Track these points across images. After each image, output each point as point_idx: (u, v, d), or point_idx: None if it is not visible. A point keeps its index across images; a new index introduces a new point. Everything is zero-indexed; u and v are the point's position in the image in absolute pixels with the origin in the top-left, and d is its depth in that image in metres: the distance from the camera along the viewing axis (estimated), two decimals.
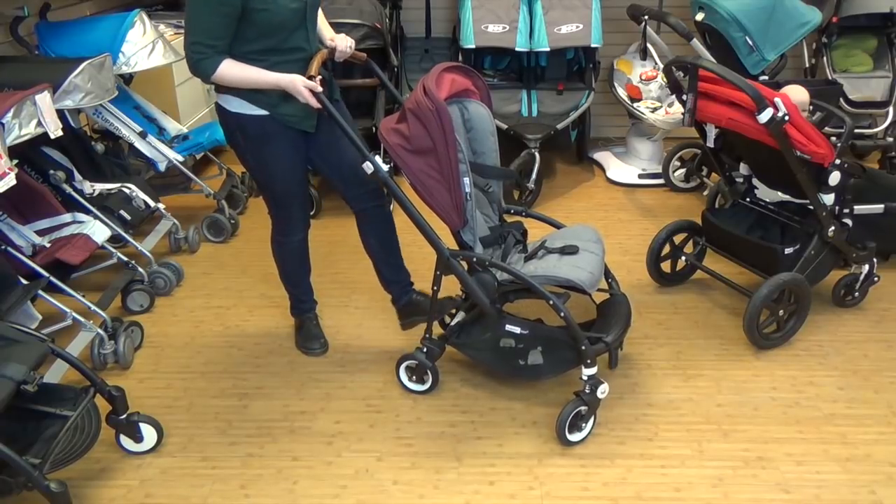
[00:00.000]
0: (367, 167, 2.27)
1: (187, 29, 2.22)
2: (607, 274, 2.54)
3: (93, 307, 2.66)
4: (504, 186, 2.61)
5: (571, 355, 2.28)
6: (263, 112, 2.34)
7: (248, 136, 2.40)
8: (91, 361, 2.60)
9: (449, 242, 2.34)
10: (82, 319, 2.59)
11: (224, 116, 2.39)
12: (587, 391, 2.26)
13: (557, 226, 2.65)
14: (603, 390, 2.27)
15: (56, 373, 2.49)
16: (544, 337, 2.33)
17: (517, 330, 2.32)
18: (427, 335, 2.50)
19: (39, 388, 1.92)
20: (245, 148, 2.44)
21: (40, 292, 2.52)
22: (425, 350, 2.49)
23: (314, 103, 2.25)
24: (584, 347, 2.24)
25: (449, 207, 2.22)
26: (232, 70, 2.24)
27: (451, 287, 2.51)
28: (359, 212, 2.64)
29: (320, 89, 2.25)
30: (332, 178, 2.59)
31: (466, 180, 2.22)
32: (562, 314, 2.21)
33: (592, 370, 2.26)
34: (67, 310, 2.57)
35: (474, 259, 2.31)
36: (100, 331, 2.61)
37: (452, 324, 2.54)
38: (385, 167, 2.28)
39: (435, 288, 2.42)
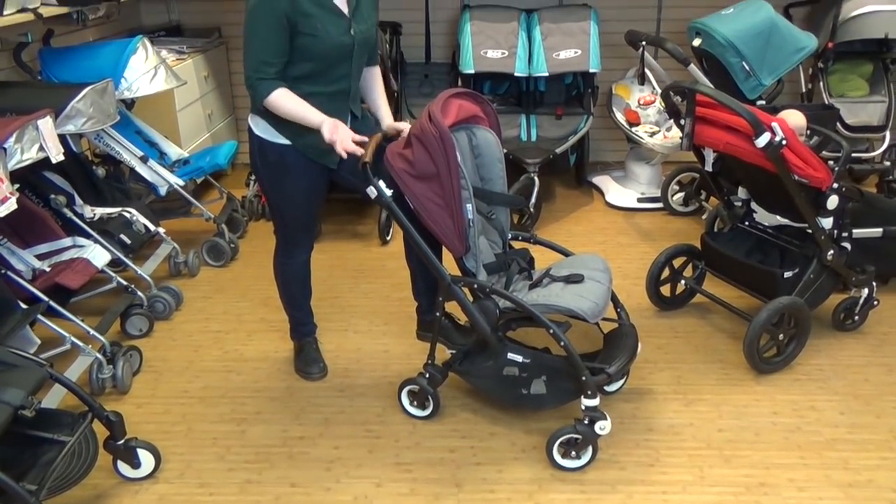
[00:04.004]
0: (371, 192, 2.27)
1: (246, 49, 2.25)
2: (616, 303, 2.52)
3: (92, 331, 2.66)
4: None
5: (575, 385, 2.26)
6: (286, 141, 2.35)
7: (268, 162, 2.41)
8: (89, 386, 2.59)
9: (454, 269, 2.34)
10: (81, 344, 2.58)
11: (250, 135, 2.42)
12: (585, 422, 2.23)
13: (565, 253, 2.62)
14: (602, 427, 2.23)
15: (54, 397, 2.48)
16: (547, 366, 2.31)
17: (520, 359, 2.31)
18: (430, 361, 2.49)
19: (37, 413, 1.91)
20: (262, 172, 2.46)
21: (39, 316, 2.52)
22: (427, 376, 2.48)
23: (341, 152, 2.22)
24: (584, 378, 2.22)
25: (451, 233, 2.22)
26: (285, 99, 2.25)
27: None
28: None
29: (359, 153, 2.21)
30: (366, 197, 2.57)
31: (469, 206, 2.22)
32: (562, 343, 2.20)
33: (593, 401, 2.23)
34: (66, 334, 2.56)
35: (475, 286, 2.30)
36: (98, 355, 2.60)
37: (455, 351, 2.54)
38: (388, 192, 2.27)
39: (437, 313, 2.42)
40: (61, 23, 3.46)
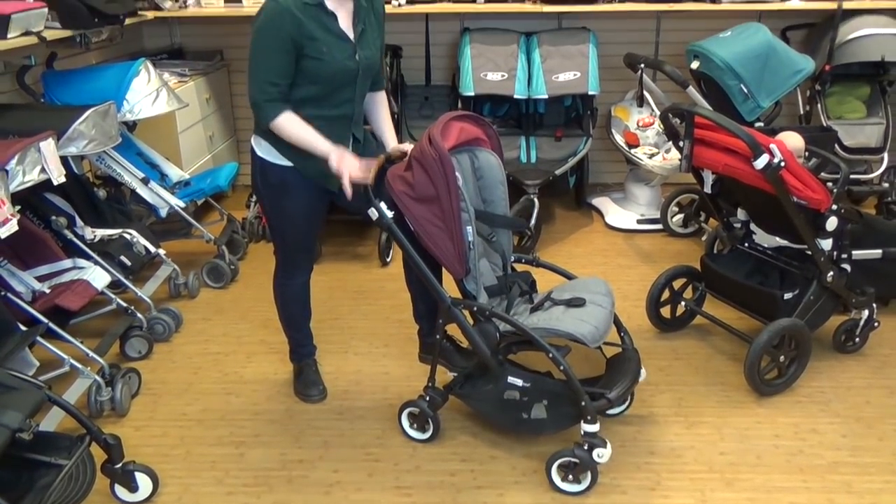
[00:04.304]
0: (372, 213, 2.27)
1: (252, 70, 2.25)
2: (619, 327, 2.51)
3: (91, 353, 2.65)
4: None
5: (575, 410, 2.25)
6: (288, 163, 2.36)
7: (268, 183, 2.42)
8: (87, 409, 2.58)
9: (454, 291, 2.34)
10: (80, 366, 2.57)
11: (252, 156, 2.43)
12: (585, 447, 2.22)
13: (568, 276, 2.61)
14: (600, 454, 2.21)
15: (52, 420, 2.47)
16: (548, 391, 2.30)
17: (520, 383, 2.29)
18: (430, 384, 2.48)
19: (35, 436, 1.90)
20: (263, 193, 2.47)
21: (38, 338, 2.51)
22: (428, 399, 2.47)
23: (346, 185, 2.23)
24: (584, 403, 2.21)
25: (451, 256, 2.22)
26: (291, 123, 2.26)
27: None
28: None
29: (365, 182, 2.23)
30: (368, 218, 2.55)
31: (469, 229, 2.22)
32: (561, 367, 2.18)
33: (593, 427, 2.21)
34: (65, 356, 2.55)
35: (475, 308, 2.30)
36: (97, 378, 2.59)
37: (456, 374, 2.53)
38: (390, 213, 2.28)
39: (437, 336, 2.41)
40: (64, 46, 3.49)
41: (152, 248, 3.27)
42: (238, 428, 2.59)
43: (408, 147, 2.36)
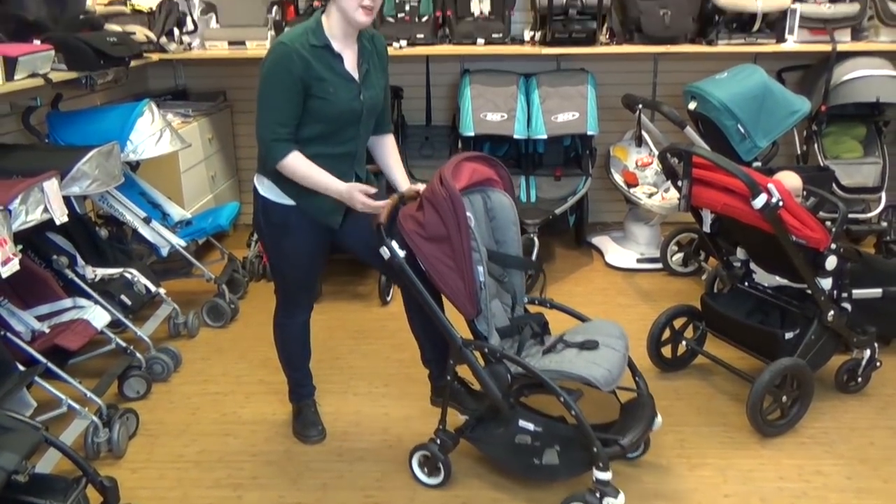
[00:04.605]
0: (384, 252, 2.26)
1: (260, 111, 2.29)
2: (634, 371, 2.46)
3: (89, 394, 2.63)
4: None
5: (588, 456, 2.19)
6: (290, 202, 2.38)
7: (271, 223, 2.44)
8: (84, 450, 2.56)
9: (465, 332, 2.31)
10: (77, 407, 2.55)
11: (255, 195, 2.45)
12: (596, 495, 2.16)
13: (581, 318, 2.57)
14: None
15: (49, 461, 2.44)
16: (561, 436, 2.25)
17: (532, 427, 2.25)
18: (441, 426, 2.43)
19: (30, 478, 1.88)
20: (265, 231, 2.48)
21: (37, 379, 2.50)
22: (438, 442, 2.42)
23: (364, 208, 2.26)
24: (595, 449, 2.16)
25: (462, 295, 2.21)
26: (298, 163, 2.29)
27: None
28: (403, 292, 2.62)
29: (379, 210, 2.26)
30: (367, 260, 2.55)
31: (480, 269, 2.21)
32: (573, 412, 2.14)
33: (605, 475, 2.16)
34: (63, 396, 2.54)
35: (486, 349, 2.27)
36: (94, 418, 2.57)
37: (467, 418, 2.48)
38: (402, 253, 2.26)
39: (448, 377, 2.37)
40: (70, 87, 3.53)
41: (153, 288, 3.27)
42: (236, 470, 2.56)
43: (421, 187, 2.37)
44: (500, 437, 2.32)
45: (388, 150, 2.58)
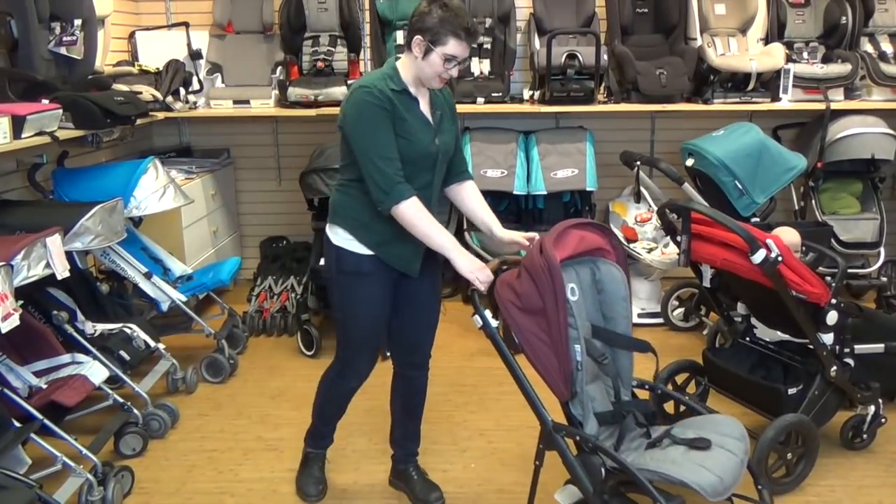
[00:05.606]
0: (476, 321, 2.17)
1: (366, 154, 2.21)
2: (756, 479, 2.22)
3: (84, 451, 2.59)
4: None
5: None
6: (366, 251, 2.34)
7: (343, 271, 2.38)
8: None
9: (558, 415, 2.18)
10: (72, 464, 2.51)
11: (327, 245, 2.41)
12: None
13: (698, 411, 2.34)
14: None
15: None
16: None
17: None
18: None
19: None
20: (336, 280, 2.41)
21: (32, 435, 2.47)
22: None
23: (478, 284, 2.19)
24: None
25: (556, 374, 2.07)
26: (417, 210, 2.21)
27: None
28: (397, 370, 2.60)
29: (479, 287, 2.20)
30: (391, 329, 2.49)
31: (577, 347, 2.09)
32: None
33: None
34: (58, 454, 2.50)
35: (578, 437, 2.09)
36: (89, 476, 2.53)
37: None
38: (494, 323, 2.17)
39: (537, 463, 2.20)
40: (76, 145, 3.59)
41: (152, 343, 3.26)
42: None
43: (523, 239, 2.31)
44: None
45: (471, 195, 2.52)
